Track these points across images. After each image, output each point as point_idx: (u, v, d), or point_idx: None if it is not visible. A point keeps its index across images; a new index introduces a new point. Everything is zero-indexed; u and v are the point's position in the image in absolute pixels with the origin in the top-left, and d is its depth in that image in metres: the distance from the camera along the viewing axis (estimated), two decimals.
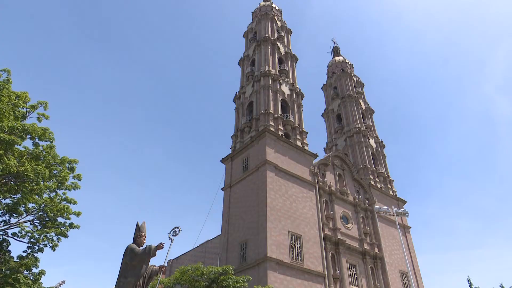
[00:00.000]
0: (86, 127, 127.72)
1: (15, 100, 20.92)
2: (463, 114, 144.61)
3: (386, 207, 27.01)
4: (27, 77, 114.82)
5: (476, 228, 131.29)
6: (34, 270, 22.69)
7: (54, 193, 23.25)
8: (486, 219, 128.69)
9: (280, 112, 45.82)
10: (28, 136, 21.55)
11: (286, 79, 51.16)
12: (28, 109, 22.38)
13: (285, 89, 49.71)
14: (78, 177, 23.97)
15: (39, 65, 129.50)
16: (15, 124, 20.34)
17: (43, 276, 23.00)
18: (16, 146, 20.67)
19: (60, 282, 25.26)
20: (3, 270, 20.88)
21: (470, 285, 18.84)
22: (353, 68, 72.82)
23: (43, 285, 23.48)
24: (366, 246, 43.45)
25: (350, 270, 40.04)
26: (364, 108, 64.79)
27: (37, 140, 22.07)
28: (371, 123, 63.25)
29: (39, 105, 22.54)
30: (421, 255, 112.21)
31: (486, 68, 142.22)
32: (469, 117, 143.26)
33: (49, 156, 22.18)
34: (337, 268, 38.52)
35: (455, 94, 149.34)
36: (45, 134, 21.88)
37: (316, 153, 45.16)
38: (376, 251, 44.24)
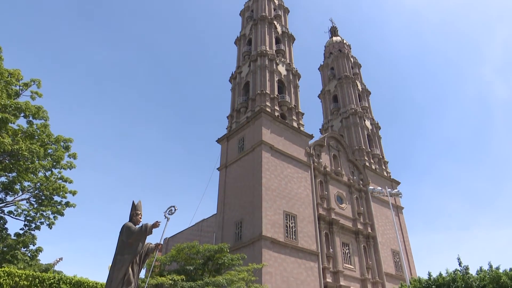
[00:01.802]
0: (80, 106, 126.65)
1: (7, 77, 20.64)
2: (459, 96, 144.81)
3: (380, 188, 27.37)
4: (19, 54, 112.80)
5: (467, 209, 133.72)
6: (31, 247, 22.99)
7: (49, 172, 23.31)
8: (476, 200, 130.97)
9: (276, 93, 45.62)
10: (22, 114, 21.43)
11: (283, 59, 50.70)
12: (21, 87, 22.14)
13: (282, 69, 49.35)
14: (74, 156, 24.00)
15: (31, 42, 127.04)
16: (8, 102, 20.15)
17: (40, 253, 23.34)
18: (10, 124, 20.56)
19: (58, 259, 25.67)
20: (1, 247, 21.12)
21: (460, 263, 19.27)
22: (350, 48, 72.19)
23: (40, 262, 23.83)
24: (359, 226, 44.22)
25: (343, 249, 40.87)
26: (360, 89, 64.62)
27: (31, 118, 21.95)
28: (367, 105, 63.23)
29: (32, 82, 22.30)
30: (413, 235, 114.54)
31: (484, 50, 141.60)
32: (465, 100, 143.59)
33: (44, 134, 22.12)
34: (330, 247, 39.29)
35: (452, 76, 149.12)
36: (39, 113, 21.75)
37: (312, 134, 45.31)
38: (369, 230, 45.06)
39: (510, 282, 15.83)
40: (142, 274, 24.29)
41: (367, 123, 59.83)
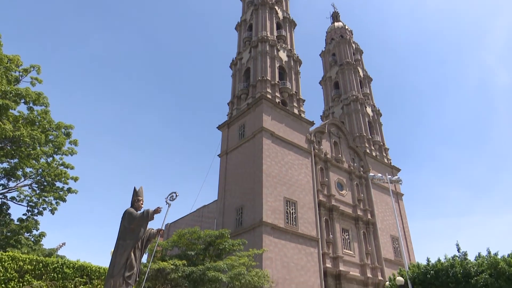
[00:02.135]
0: (80, 93, 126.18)
1: (7, 63, 20.53)
2: (461, 83, 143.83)
3: (380, 175, 27.48)
4: (18, 41, 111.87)
5: (466, 196, 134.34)
6: (34, 232, 23.25)
7: (51, 158, 23.41)
8: (476, 187, 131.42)
9: (277, 79, 45.37)
10: (22, 101, 21.42)
11: (284, 45, 50.25)
12: (20, 73, 22.05)
13: (283, 55, 48.95)
14: (75, 143, 24.07)
15: (30, 29, 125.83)
16: (8, 88, 20.10)
17: (43, 238, 23.62)
18: (10, 110, 20.56)
19: (61, 244, 25.96)
20: (5, 232, 21.36)
21: (458, 249, 19.51)
22: (352, 34, 71.42)
23: (44, 247, 24.14)
24: (359, 212, 44.53)
25: (343, 235, 41.25)
26: (362, 75, 64.21)
27: (31, 104, 21.95)
28: (368, 91, 62.92)
29: (32, 68, 22.20)
30: (412, 221, 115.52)
31: (487, 37, 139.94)
32: (466, 87, 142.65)
33: (45, 121, 22.14)
34: (330, 233, 39.66)
35: (454, 63, 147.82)
36: (39, 99, 21.73)
37: (313, 121, 45.24)
38: (369, 217, 45.40)
39: (508, 268, 16.06)
40: (144, 259, 24.59)
41: (368, 109, 59.65)
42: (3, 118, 19.84)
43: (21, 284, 12.49)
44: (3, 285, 12.41)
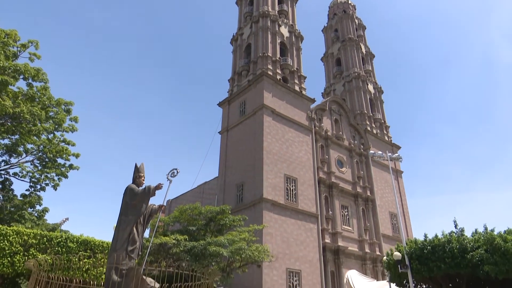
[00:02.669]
0: (79, 69, 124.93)
1: (4, 38, 20.24)
2: (465, 61, 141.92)
3: (380, 152, 27.55)
4: (14, 16, 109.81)
5: (466, 173, 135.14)
6: (37, 207, 23.57)
7: (52, 135, 23.46)
8: (476, 165, 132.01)
9: (278, 55, 44.78)
10: (21, 77, 21.27)
11: (285, 20, 49.28)
12: (18, 48, 21.78)
13: (284, 31, 48.11)
14: (75, 119, 24.07)
15: (27, 3, 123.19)
16: (7, 64, 19.91)
17: (47, 213, 23.97)
18: (9, 86, 20.44)
19: (64, 219, 26.35)
20: (8, 208, 21.66)
21: (456, 226, 19.80)
22: (355, 9, 69.90)
23: (47, 222, 24.53)
24: (358, 189, 44.95)
25: (342, 211, 41.80)
26: (364, 52, 63.29)
27: (30, 80, 21.81)
28: (370, 68, 62.20)
29: (30, 44, 21.92)
30: (411, 198, 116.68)
31: (492, 13, 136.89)
32: (470, 65, 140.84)
33: (44, 97, 22.04)
34: (329, 209, 40.18)
35: (458, 40, 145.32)
36: (38, 75, 21.57)
37: (314, 98, 44.96)
38: (368, 194, 45.86)
39: (503, 244, 16.33)
40: (146, 234, 25.04)
41: (370, 87, 59.15)
42: (3, 95, 19.75)
43: (26, 257, 12.78)
44: (9, 258, 12.69)
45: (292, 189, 37.00)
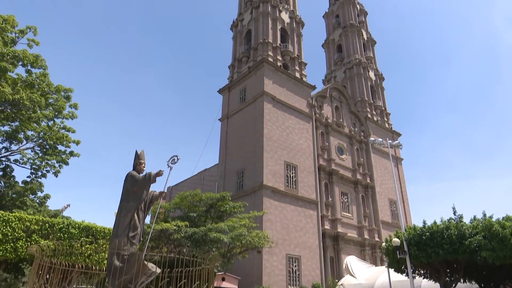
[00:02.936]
0: (78, 55, 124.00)
1: (1, 24, 20.05)
2: (467, 48, 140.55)
3: (380, 140, 27.55)
4: (12, 2, 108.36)
5: (467, 161, 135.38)
6: (39, 194, 23.70)
7: (52, 122, 23.45)
8: (477, 152, 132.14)
9: (279, 42, 44.38)
10: (20, 63, 21.15)
11: (286, 6, 48.67)
12: (17, 34, 21.59)
13: (285, 16, 47.56)
14: (75, 106, 24.02)
15: None
16: (5, 50, 19.78)
17: (48, 199, 24.12)
18: (8, 73, 20.34)
19: (66, 206, 26.50)
20: (10, 194, 21.79)
21: (454, 212, 19.94)
22: None
23: (49, 208, 24.71)
24: (358, 176, 45.12)
25: (342, 198, 42.05)
26: (365, 38, 62.66)
27: (29, 67, 21.70)
28: (372, 55, 61.67)
29: (28, 30, 21.72)
30: (411, 185, 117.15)
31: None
32: (472, 52, 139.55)
33: (44, 84, 21.96)
34: (329, 196, 40.41)
35: (460, 26, 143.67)
36: (37, 61, 21.45)
37: (314, 85, 44.74)
38: (368, 181, 46.05)
39: (501, 230, 16.48)
40: (147, 220, 25.25)
41: (371, 74, 58.79)
42: (2, 81, 19.66)
43: (28, 243, 12.91)
44: (12, 244, 12.84)
45: (292, 176, 37.14)
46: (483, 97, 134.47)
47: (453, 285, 19.64)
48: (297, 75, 43.81)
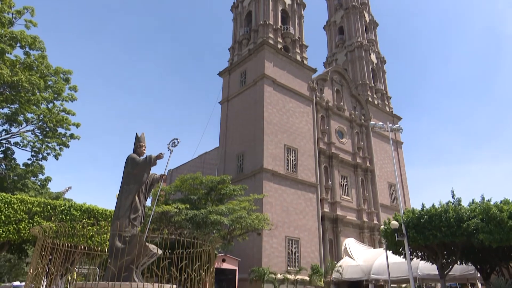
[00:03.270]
0: (76, 36, 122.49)
1: None
2: (470, 32, 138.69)
3: (381, 123, 27.51)
4: None
5: (467, 145, 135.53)
6: (40, 176, 23.81)
7: (51, 104, 23.36)
8: (477, 137, 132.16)
9: (280, 24, 43.75)
10: (18, 45, 20.93)
11: None
12: (14, 15, 21.27)
13: None
14: (74, 89, 23.88)
15: None
16: (3, 31, 19.54)
17: (49, 182, 24.24)
18: (6, 55, 20.16)
19: (67, 188, 26.68)
20: (11, 176, 21.89)
21: (453, 196, 20.08)
22: None
23: (50, 190, 24.87)
24: (358, 160, 45.23)
25: (341, 181, 42.26)
26: (368, 20, 61.72)
27: (27, 49, 21.48)
28: (373, 37, 60.86)
29: (25, 10, 21.40)
30: (410, 169, 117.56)
31: None
32: (475, 36, 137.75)
33: (42, 66, 21.78)
34: (329, 179, 40.61)
35: (463, 10, 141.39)
36: (35, 43, 21.21)
37: (315, 68, 44.35)
38: (368, 164, 46.19)
39: (499, 214, 16.62)
40: (148, 202, 25.47)
41: (373, 56, 58.17)
42: (0, 63, 19.49)
43: (31, 224, 13.05)
44: (15, 225, 12.98)
45: (292, 160, 37.24)
46: (484, 82, 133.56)
47: (450, 266, 19.95)
48: (298, 57, 43.37)
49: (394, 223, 19.91)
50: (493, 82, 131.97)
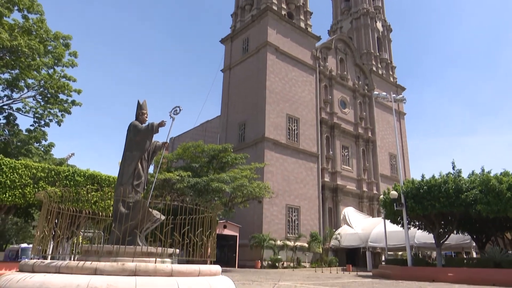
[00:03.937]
0: (75, 1, 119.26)
1: None
2: (477, 2, 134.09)
3: (384, 94, 27.20)
4: None
5: (470, 116, 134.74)
6: (43, 142, 23.97)
7: (52, 70, 23.13)
8: (480, 108, 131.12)
9: None
10: (16, 8, 20.46)
11: None
12: None
13: None
14: (74, 54, 23.57)
15: None
16: None
17: (53, 148, 24.43)
18: (4, 18, 19.75)
19: (70, 154, 26.90)
20: (15, 142, 22.04)
21: (453, 167, 20.19)
22: None
23: (54, 156, 25.11)
24: (360, 130, 45.18)
25: (342, 152, 42.44)
26: None
27: (25, 12, 21.00)
28: (380, 4, 59.08)
29: None
30: (412, 139, 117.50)
31: None
32: (482, 6, 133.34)
33: (41, 30, 21.39)
34: (330, 149, 40.77)
35: None
36: (33, 6, 20.75)
37: (320, 36, 43.40)
38: (369, 135, 46.17)
39: (498, 185, 16.77)
40: (151, 170, 25.72)
41: (379, 24, 56.69)
42: None
43: (36, 189, 13.26)
44: (20, 190, 13.20)
45: (294, 129, 37.23)
46: (489, 52, 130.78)
47: (446, 236, 20.37)
48: (302, 25, 42.34)
49: (394, 193, 20.16)
50: (499, 53, 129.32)
